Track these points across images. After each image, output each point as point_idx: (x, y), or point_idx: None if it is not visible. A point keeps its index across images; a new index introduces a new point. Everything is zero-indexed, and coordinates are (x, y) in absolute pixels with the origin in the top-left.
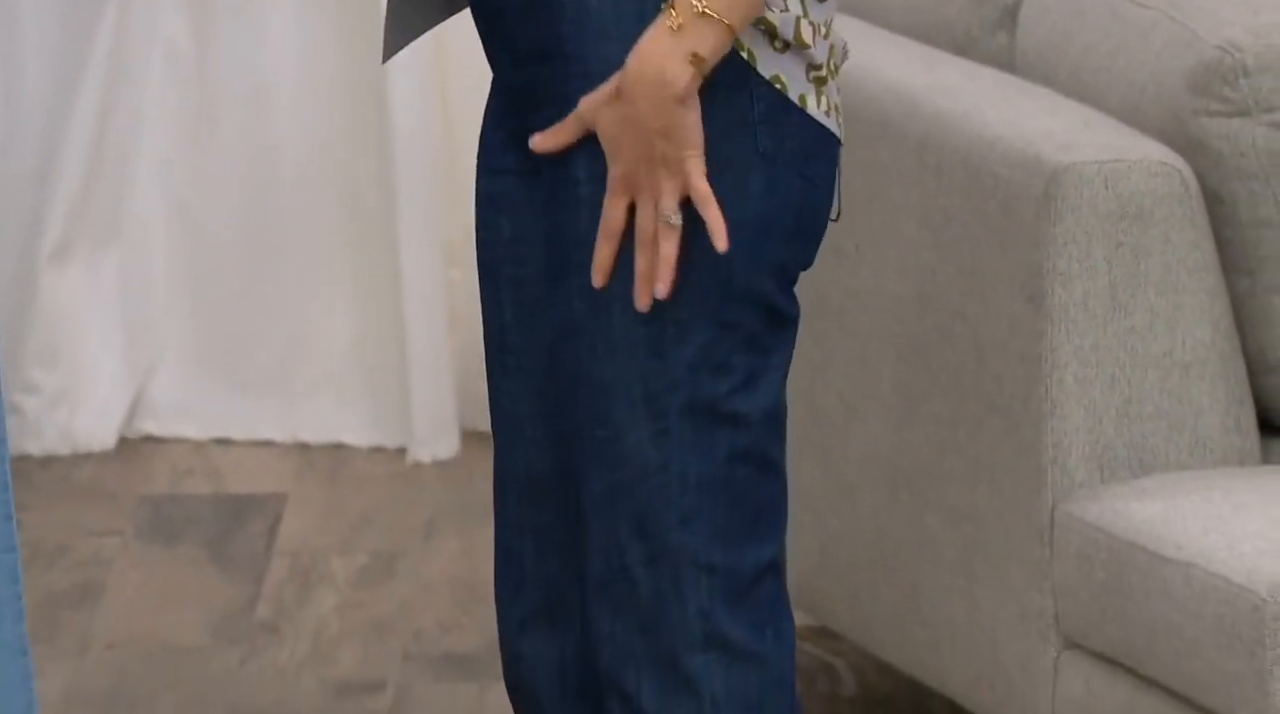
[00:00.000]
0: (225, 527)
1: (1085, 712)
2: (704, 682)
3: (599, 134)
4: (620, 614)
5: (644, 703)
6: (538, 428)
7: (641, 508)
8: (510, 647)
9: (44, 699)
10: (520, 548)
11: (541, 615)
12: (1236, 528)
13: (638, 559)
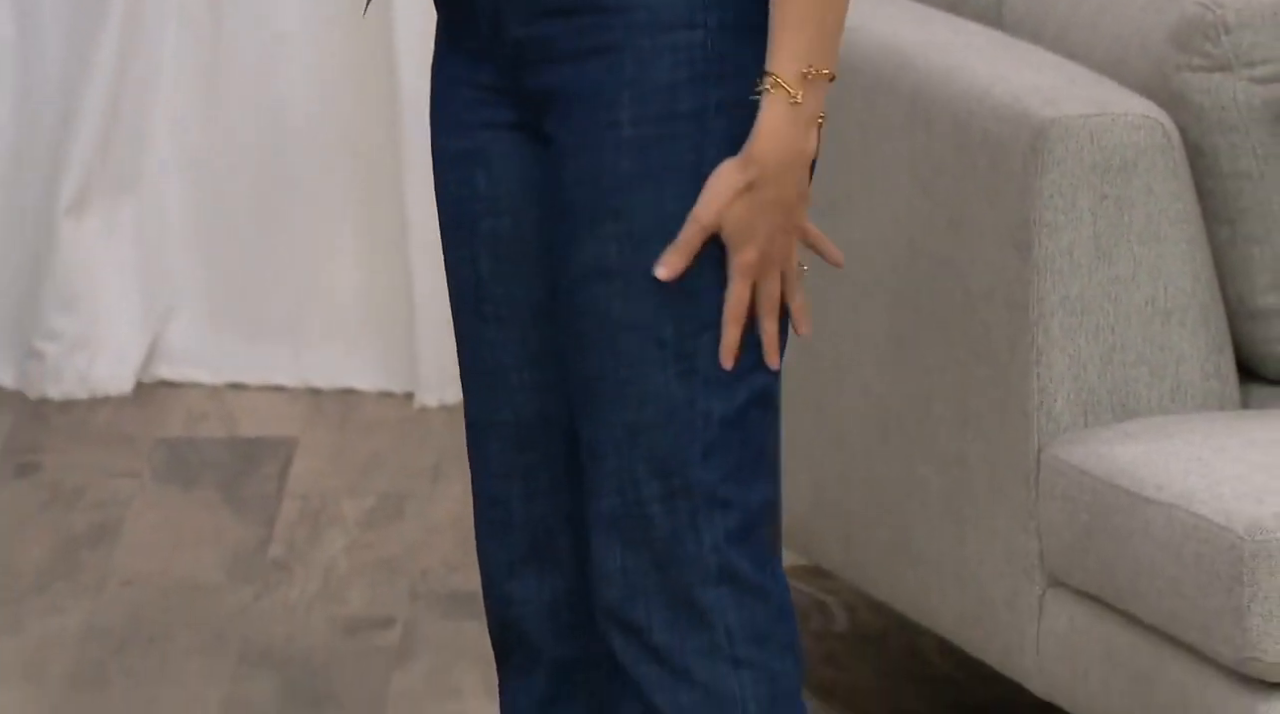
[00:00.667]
0: (238, 469)
1: (1068, 647)
2: (717, 614)
3: (726, 231)
4: (632, 550)
5: (655, 637)
6: (524, 375)
7: (663, 446)
8: (499, 589)
9: (64, 634)
10: (507, 493)
11: (530, 559)
12: (1216, 470)
13: (654, 496)
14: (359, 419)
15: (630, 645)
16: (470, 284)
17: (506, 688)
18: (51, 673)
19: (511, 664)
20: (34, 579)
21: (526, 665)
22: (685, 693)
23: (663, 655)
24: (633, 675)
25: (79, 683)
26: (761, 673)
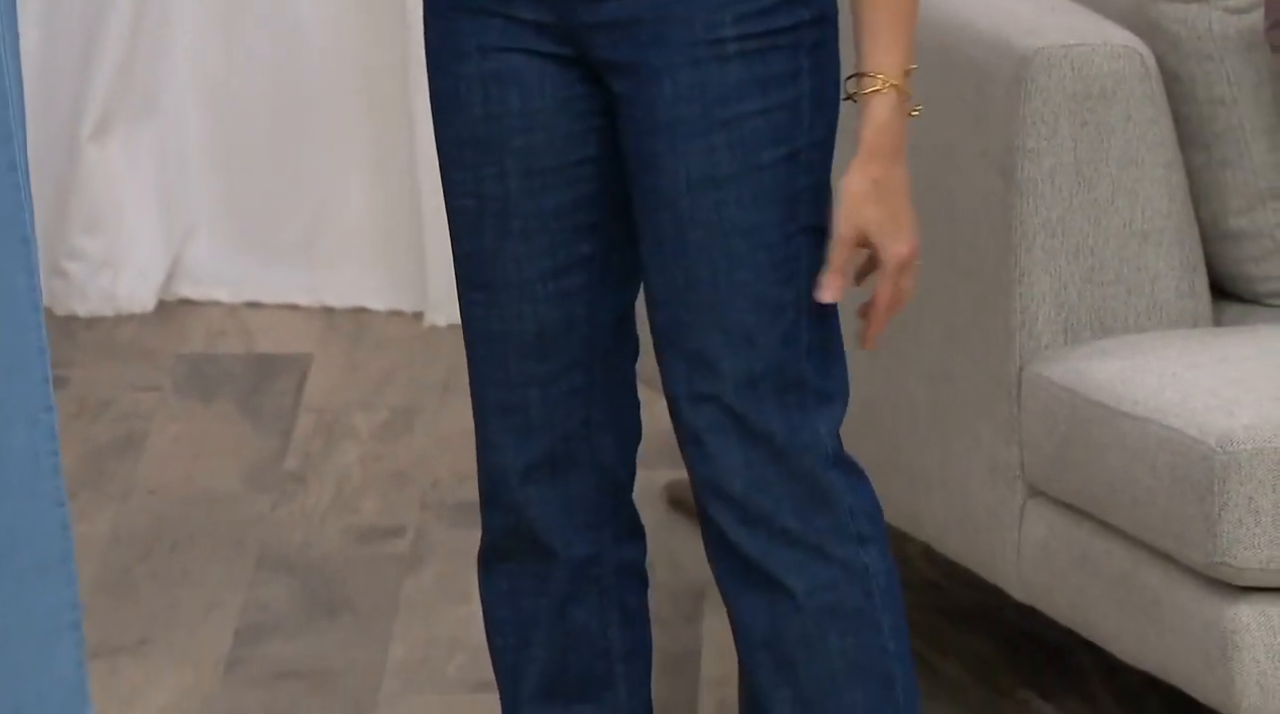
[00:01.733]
0: (256, 383)
1: (1048, 554)
2: (837, 495)
3: (872, 234)
4: (753, 444)
5: (785, 521)
6: (548, 285)
7: (775, 346)
8: (511, 495)
9: (91, 540)
10: (524, 401)
11: (545, 463)
12: (1189, 385)
13: (770, 392)
14: (371, 337)
15: (758, 535)
16: (498, 199)
17: (510, 590)
18: (80, 576)
19: (519, 569)
20: None
21: (540, 569)
22: (822, 570)
23: (794, 538)
24: (762, 564)
25: (106, 586)
26: (881, 548)
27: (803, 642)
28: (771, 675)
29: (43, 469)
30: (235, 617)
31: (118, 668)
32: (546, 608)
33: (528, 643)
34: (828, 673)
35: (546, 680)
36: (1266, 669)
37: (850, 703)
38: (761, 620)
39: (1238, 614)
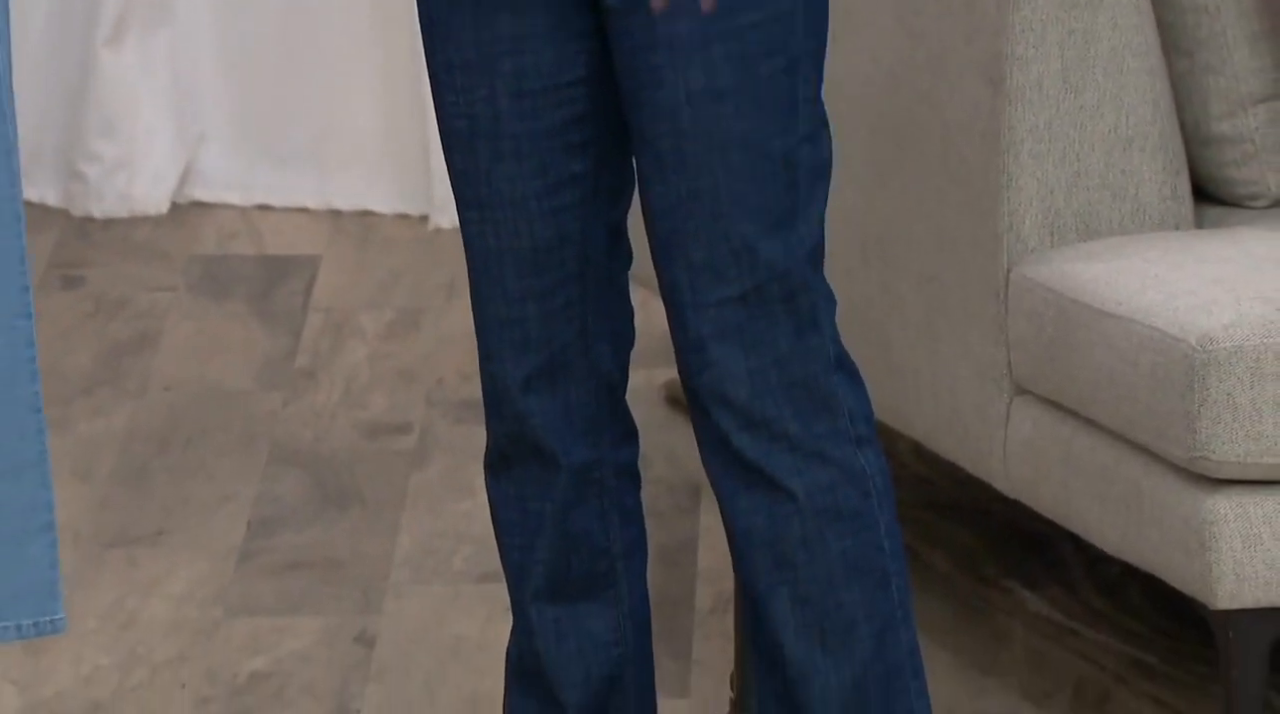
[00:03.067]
0: (267, 284)
1: (1033, 450)
2: (839, 398)
3: None
4: (757, 351)
5: (787, 426)
6: (543, 202)
7: (781, 252)
8: (514, 406)
9: (109, 435)
10: (523, 315)
11: (544, 374)
12: (1171, 285)
13: (777, 297)
14: (377, 239)
15: (759, 439)
16: (489, 120)
17: (516, 495)
18: (98, 470)
19: (523, 474)
20: (81, 384)
21: (544, 476)
22: (821, 474)
23: (795, 443)
24: (763, 468)
25: (124, 479)
26: (876, 449)
27: (802, 543)
28: (769, 575)
29: (20, 375)
30: (248, 509)
31: (135, 558)
32: (550, 513)
33: (533, 545)
34: (826, 573)
35: (551, 580)
36: (1242, 558)
37: (849, 600)
38: (760, 523)
39: (1215, 506)
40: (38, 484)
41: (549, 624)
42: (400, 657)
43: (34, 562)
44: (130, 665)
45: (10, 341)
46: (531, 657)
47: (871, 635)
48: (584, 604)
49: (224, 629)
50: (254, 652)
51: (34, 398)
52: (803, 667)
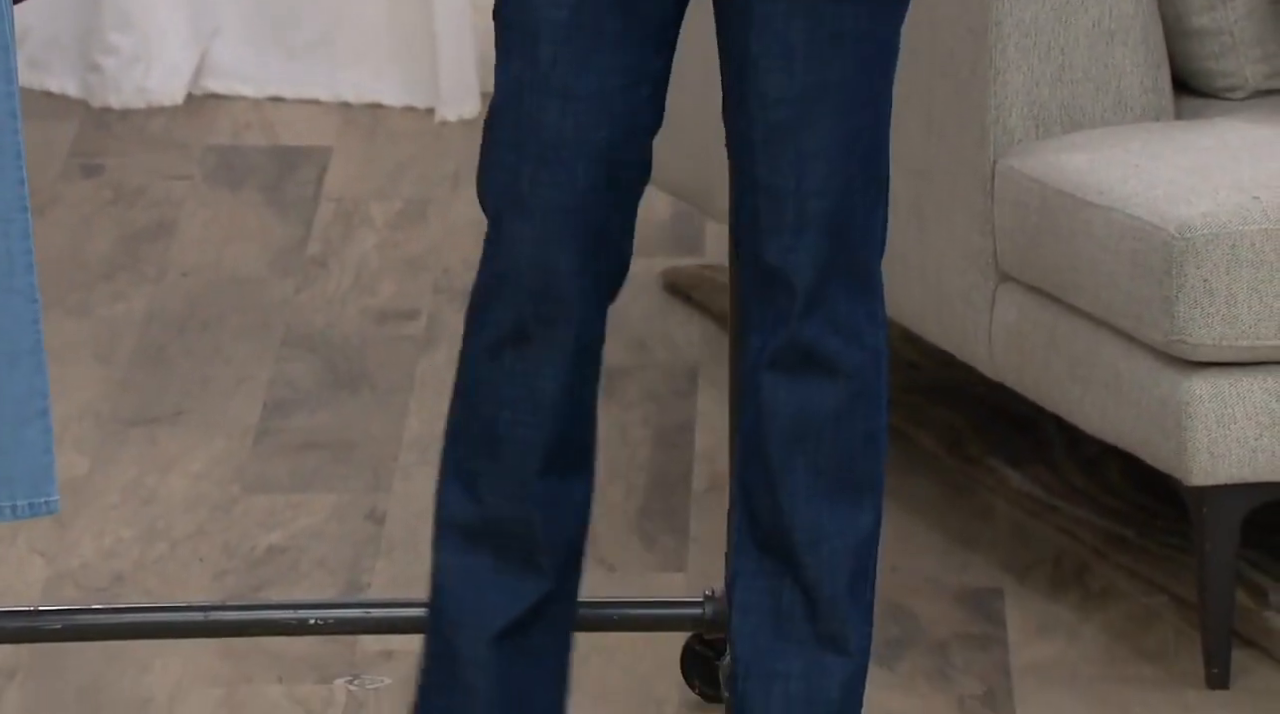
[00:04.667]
0: (279, 174)
1: (1017, 335)
2: (879, 282)
3: None
4: (836, 239)
5: (839, 308)
6: (628, 96)
7: (870, 142)
8: (560, 288)
9: (129, 318)
10: (585, 204)
11: (591, 256)
12: (1151, 175)
13: (859, 187)
14: (386, 131)
15: (814, 321)
16: (590, 13)
17: (524, 371)
18: (119, 352)
19: (538, 354)
20: (101, 269)
21: (558, 355)
22: (858, 354)
23: (841, 324)
24: (814, 348)
25: (143, 361)
26: (886, 326)
27: (834, 418)
28: (790, 447)
29: (17, 267)
30: (263, 391)
31: (155, 437)
32: (558, 389)
33: (543, 421)
34: (849, 448)
35: (550, 454)
36: (1216, 437)
37: (860, 470)
38: (797, 400)
39: (1191, 387)
40: (33, 371)
41: (541, 495)
42: (408, 533)
43: (30, 445)
44: (151, 539)
45: (7, 234)
46: (517, 522)
47: (873, 505)
48: (574, 478)
49: (240, 505)
50: (269, 527)
51: (30, 289)
52: (814, 532)
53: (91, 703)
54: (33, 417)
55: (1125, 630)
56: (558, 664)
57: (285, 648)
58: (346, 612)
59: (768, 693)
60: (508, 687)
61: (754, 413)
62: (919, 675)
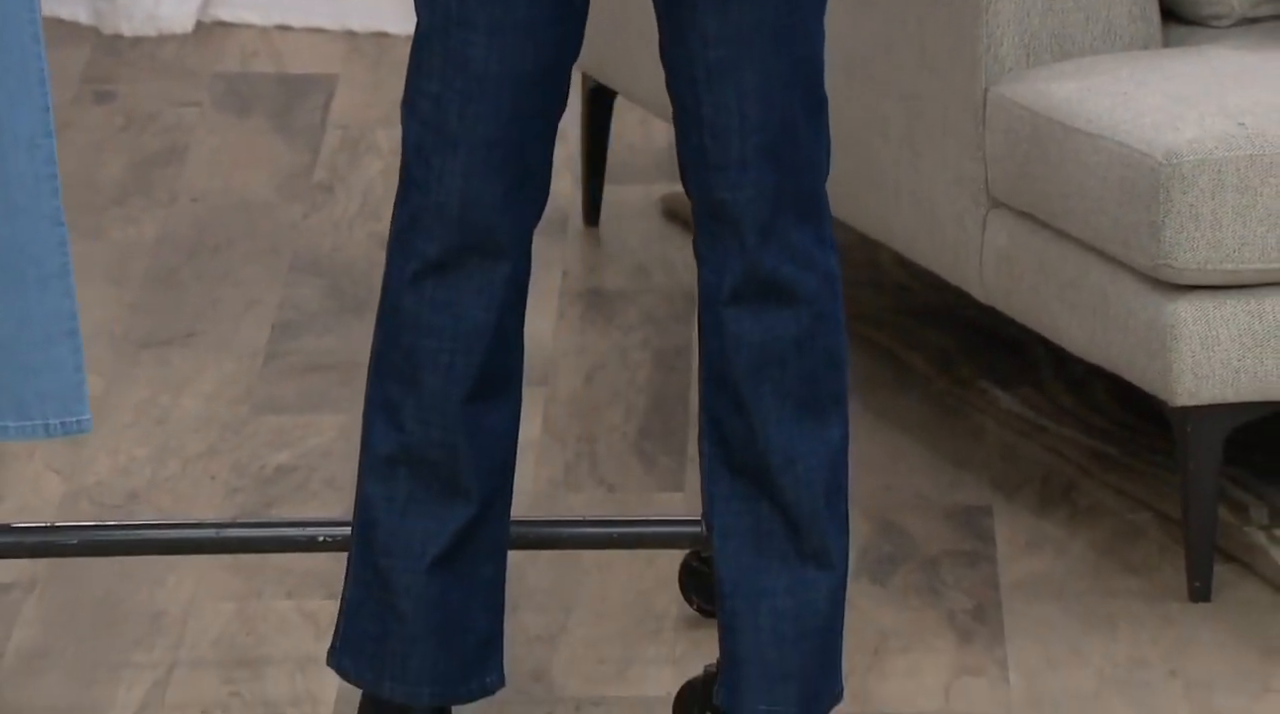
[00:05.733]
0: (287, 101)
1: (1007, 259)
2: (824, 205)
3: None
4: (783, 169)
5: (790, 236)
6: (552, 29)
7: (810, 71)
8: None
9: (141, 242)
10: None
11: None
12: (1139, 103)
13: (802, 115)
14: (391, 59)
15: (772, 250)
16: None
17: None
18: (131, 275)
19: (464, 283)
20: (113, 194)
21: (488, 284)
22: (813, 279)
23: (795, 252)
24: (774, 276)
25: (155, 284)
26: (835, 247)
27: (795, 345)
28: (759, 374)
29: (43, 191)
30: (271, 314)
31: (167, 358)
32: (490, 316)
33: (468, 348)
34: (812, 370)
35: (474, 382)
36: (1200, 358)
37: (826, 388)
38: (760, 328)
39: (1177, 310)
40: (61, 293)
41: (465, 421)
42: None
43: (60, 365)
44: (164, 458)
45: (34, 160)
46: (441, 449)
47: (839, 418)
48: (498, 402)
49: (250, 425)
50: (279, 447)
51: (56, 213)
52: (787, 453)
53: (107, 616)
54: (62, 337)
55: (1111, 546)
56: (490, 587)
57: (294, 564)
58: None
59: (755, 610)
60: (439, 612)
61: (718, 346)
62: (910, 591)
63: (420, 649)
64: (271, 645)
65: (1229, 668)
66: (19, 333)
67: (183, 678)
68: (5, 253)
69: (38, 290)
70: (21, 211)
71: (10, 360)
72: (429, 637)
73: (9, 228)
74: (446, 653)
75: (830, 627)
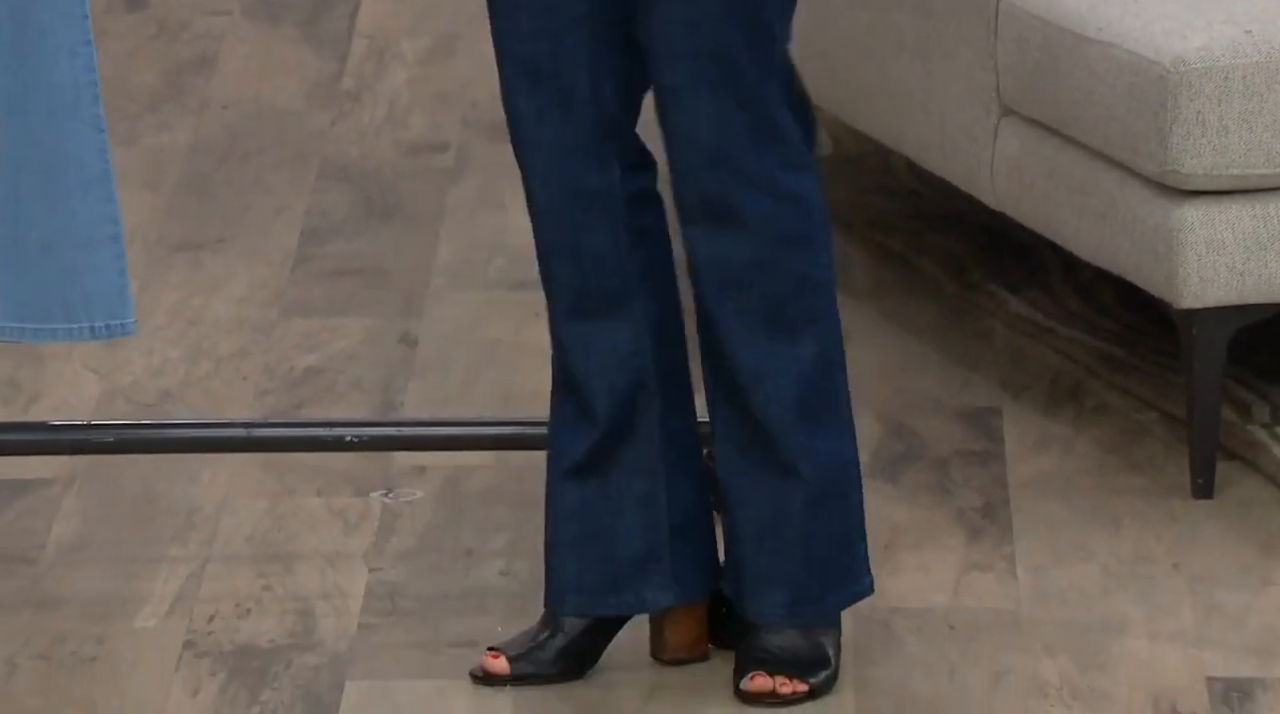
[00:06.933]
0: (314, 10)
1: (1018, 166)
2: (788, 130)
3: None
4: (723, 97)
5: (745, 162)
6: None
7: (752, 6)
8: (527, 133)
9: (173, 149)
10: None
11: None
12: (1148, 10)
13: (741, 45)
14: None
15: (720, 173)
16: None
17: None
18: (165, 180)
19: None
20: (147, 100)
21: (552, 203)
22: (768, 203)
23: (751, 176)
24: (723, 201)
25: (188, 190)
26: (813, 172)
27: (754, 267)
28: (721, 293)
29: (83, 98)
30: (300, 219)
31: (200, 262)
32: (564, 236)
33: (553, 266)
34: (777, 292)
35: (575, 299)
36: (1206, 262)
37: (796, 311)
38: (715, 250)
39: (1183, 215)
40: (103, 198)
41: (576, 339)
42: (439, 356)
43: (103, 269)
44: (196, 358)
45: (73, 67)
46: (566, 369)
47: (815, 336)
48: (605, 321)
49: (280, 328)
50: (307, 349)
51: (97, 119)
52: (753, 371)
53: (144, 511)
54: (105, 241)
55: (1117, 445)
56: (643, 505)
57: (324, 463)
58: (381, 430)
59: (739, 514)
60: (576, 522)
61: (689, 263)
62: (921, 490)
63: (564, 557)
64: (302, 541)
65: (1231, 562)
66: (63, 237)
67: (216, 571)
68: (48, 158)
69: (81, 195)
70: (63, 118)
71: (56, 264)
72: (571, 545)
73: (51, 134)
74: (591, 564)
75: (808, 534)
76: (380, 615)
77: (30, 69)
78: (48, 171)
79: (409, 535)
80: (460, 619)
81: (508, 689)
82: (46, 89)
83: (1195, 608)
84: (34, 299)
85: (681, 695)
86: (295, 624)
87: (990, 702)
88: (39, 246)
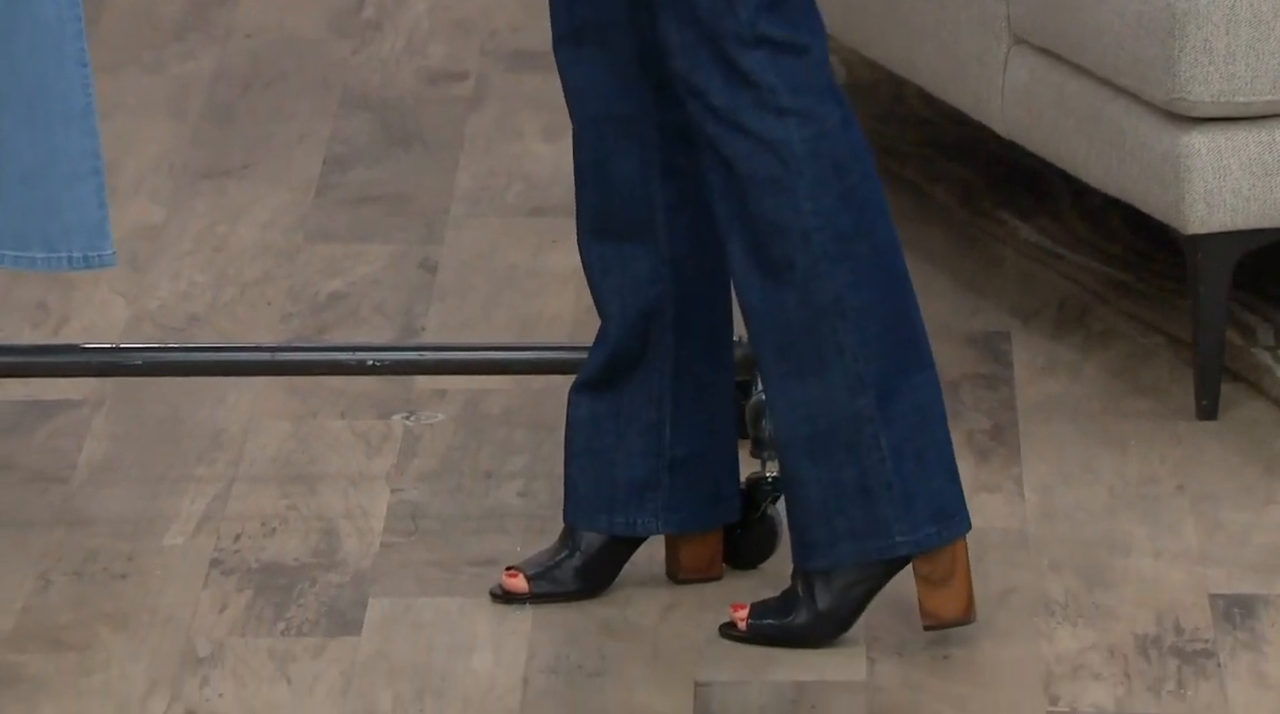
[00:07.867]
0: None
1: (1028, 95)
2: (759, 74)
3: None
4: (685, 26)
5: (714, 99)
6: None
7: None
8: (563, 55)
9: (198, 77)
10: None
11: (589, 29)
12: None
13: None
14: None
15: (696, 107)
16: None
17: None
18: (190, 108)
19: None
20: (172, 30)
21: (583, 126)
22: (742, 142)
23: (721, 114)
24: (703, 133)
25: (212, 117)
26: (804, 118)
27: (736, 198)
28: (718, 209)
29: (67, 33)
30: (323, 147)
31: (224, 188)
32: (590, 159)
33: (581, 186)
34: (756, 230)
35: (597, 220)
36: (1213, 188)
37: (772, 256)
38: (711, 180)
39: (1191, 142)
40: (85, 133)
41: (596, 259)
42: (459, 281)
43: (84, 202)
44: (222, 283)
45: (57, 3)
46: (589, 286)
47: (792, 286)
48: (628, 245)
49: (304, 253)
50: (331, 274)
51: (80, 54)
52: (747, 302)
53: (171, 433)
54: (86, 175)
55: (1124, 368)
56: (649, 432)
57: (347, 386)
58: (402, 354)
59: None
60: (583, 433)
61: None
62: None
63: (572, 467)
64: (325, 463)
65: (1234, 483)
66: (46, 170)
67: (242, 492)
68: (32, 92)
69: (63, 129)
70: (47, 52)
71: (37, 196)
72: (577, 456)
73: (35, 68)
74: (594, 478)
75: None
76: (402, 535)
77: (14, 4)
78: (31, 106)
79: (430, 457)
80: (480, 539)
81: (527, 606)
82: (30, 24)
83: (1199, 527)
84: (11, 227)
85: (696, 611)
86: (319, 543)
87: (997, 618)
88: (18, 178)
